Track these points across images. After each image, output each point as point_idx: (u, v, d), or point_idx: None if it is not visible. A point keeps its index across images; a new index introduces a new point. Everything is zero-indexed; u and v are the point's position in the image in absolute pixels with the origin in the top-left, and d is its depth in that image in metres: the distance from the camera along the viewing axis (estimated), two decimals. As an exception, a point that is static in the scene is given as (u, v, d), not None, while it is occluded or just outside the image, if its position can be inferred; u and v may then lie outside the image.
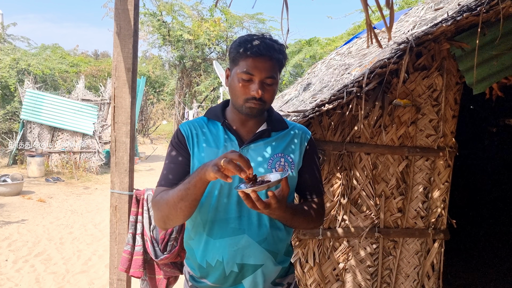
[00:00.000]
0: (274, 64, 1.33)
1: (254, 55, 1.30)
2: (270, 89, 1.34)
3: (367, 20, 0.77)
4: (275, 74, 1.34)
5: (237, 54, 1.33)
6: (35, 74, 13.42)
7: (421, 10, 3.29)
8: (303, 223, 1.43)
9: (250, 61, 1.30)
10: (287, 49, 1.36)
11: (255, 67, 1.30)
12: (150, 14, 15.98)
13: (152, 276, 2.27)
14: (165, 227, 1.39)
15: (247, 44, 1.31)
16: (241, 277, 1.38)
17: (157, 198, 1.36)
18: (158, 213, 1.34)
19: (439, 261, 2.66)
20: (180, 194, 1.23)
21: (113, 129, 2.23)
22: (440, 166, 2.56)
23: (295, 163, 1.44)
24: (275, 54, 1.32)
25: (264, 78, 1.31)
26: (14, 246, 5.22)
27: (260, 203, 1.14)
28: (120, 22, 2.13)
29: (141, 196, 2.23)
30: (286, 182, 1.20)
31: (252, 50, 1.30)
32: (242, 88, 1.33)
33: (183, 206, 1.24)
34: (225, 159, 1.09)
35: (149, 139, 20.86)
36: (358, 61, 3.12)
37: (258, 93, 1.30)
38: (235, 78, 1.34)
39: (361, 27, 13.89)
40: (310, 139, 1.51)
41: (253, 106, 1.33)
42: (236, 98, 1.36)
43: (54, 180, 9.73)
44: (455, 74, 2.50)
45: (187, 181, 1.23)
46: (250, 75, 1.30)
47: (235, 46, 1.35)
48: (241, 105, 1.35)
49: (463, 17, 2.08)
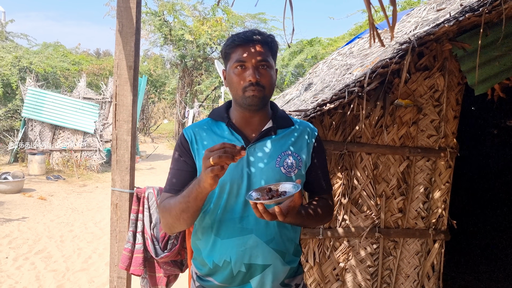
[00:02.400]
0: (263, 48, 1.33)
1: (242, 43, 1.32)
2: (265, 73, 1.33)
3: (370, 19, 0.77)
4: (267, 57, 1.34)
5: (227, 49, 1.37)
6: (37, 72, 13.43)
7: (423, 10, 3.28)
8: (313, 223, 1.44)
9: (239, 50, 1.32)
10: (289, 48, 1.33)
11: (245, 54, 1.31)
12: (151, 13, 15.99)
13: (152, 274, 2.28)
14: (172, 233, 1.42)
15: (235, 36, 1.35)
16: (249, 277, 1.38)
17: (162, 205, 1.36)
18: (163, 221, 1.35)
19: (440, 261, 2.66)
20: (181, 206, 1.24)
21: (114, 127, 2.23)
22: (441, 166, 2.56)
23: (303, 161, 1.43)
24: (262, 38, 1.34)
25: (257, 63, 1.31)
26: (15, 243, 5.22)
27: (267, 215, 1.15)
28: (122, 20, 2.13)
29: (141, 194, 2.23)
30: (299, 195, 1.19)
31: (239, 39, 1.33)
32: (237, 78, 1.33)
33: (185, 217, 1.26)
34: (213, 156, 1.07)
35: (150, 138, 20.88)
36: (360, 61, 3.11)
37: (253, 77, 1.30)
38: (230, 73, 1.36)
39: (362, 28, 13.88)
40: (317, 136, 1.51)
41: (252, 94, 1.32)
42: (236, 91, 1.35)
43: (55, 178, 9.74)
44: (457, 74, 2.50)
45: (186, 194, 1.23)
46: (242, 63, 1.32)
47: (224, 45, 1.39)
48: (241, 97, 1.34)
49: (465, 17, 2.08)
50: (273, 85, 1.39)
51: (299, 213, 1.28)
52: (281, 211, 1.15)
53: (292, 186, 1.20)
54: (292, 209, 1.20)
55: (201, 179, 1.14)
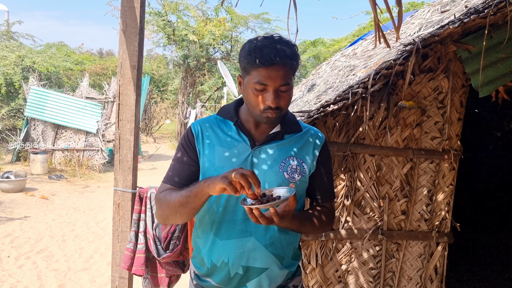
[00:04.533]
0: (287, 70, 1.26)
1: (266, 65, 1.23)
2: (285, 96, 1.30)
3: (375, 19, 0.77)
4: (289, 80, 1.28)
5: (248, 64, 1.27)
6: (40, 71, 13.45)
7: (427, 12, 3.27)
8: (310, 230, 1.43)
9: (263, 71, 1.24)
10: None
11: (268, 77, 1.24)
12: (155, 13, 16.01)
13: (154, 275, 2.27)
14: (165, 224, 1.44)
15: (257, 53, 1.24)
16: (246, 280, 1.37)
17: (160, 196, 1.37)
18: (159, 211, 1.37)
19: (442, 264, 2.65)
20: (181, 200, 1.25)
21: (117, 127, 2.23)
22: (444, 168, 2.55)
23: (307, 167, 1.42)
24: (287, 61, 1.24)
25: (279, 87, 1.27)
26: (16, 242, 5.23)
27: (263, 220, 1.16)
28: (126, 19, 2.13)
29: (144, 194, 2.23)
30: (294, 198, 1.19)
31: (263, 60, 1.22)
32: (256, 99, 1.29)
33: (182, 211, 1.27)
34: (237, 172, 1.09)
35: (153, 138, 20.88)
36: (364, 62, 3.10)
37: (274, 103, 1.26)
38: (248, 89, 1.29)
39: (366, 29, 13.87)
40: (324, 143, 1.48)
41: (270, 116, 1.30)
42: (253, 108, 1.32)
43: (57, 178, 9.75)
44: (461, 76, 2.49)
45: (190, 189, 1.25)
46: (264, 85, 1.25)
47: (245, 54, 1.28)
48: (258, 115, 1.32)
49: (470, 19, 2.07)
50: (290, 102, 1.37)
51: (294, 217, 1.28)
52: (276, 212, 1.15)
53: (285, 190, 1.21)
54: (287, 213, 1.21)
55: (211, 182, 1.15)
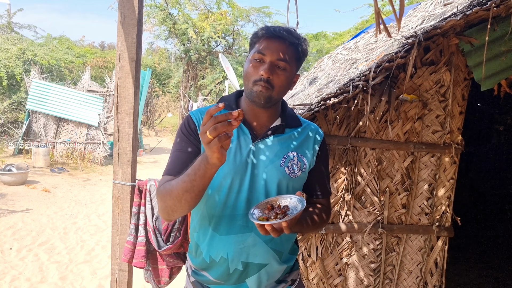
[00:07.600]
0: (288, 47, 1.29)
1: (268, 36, 1.29)
2: (280, 74, 1.28)
3: (376, 8, 0.75)
4: (288, 58, 1.28)
5: (254, 38, 1.34)
6: (42, 64, 13.45)
7: (430, 5, 3.24)
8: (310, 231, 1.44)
9: (264, 42, 1.29)
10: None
11: (267, 47, 1.28)
12: (155, 6, 15.92)
13: (155, 266, 2.28)
14: (169, 219, 1.29)
15: (265, 28, 1.32)
16: (245, 276, 1.36)
17: (161, 188, 1.26)
18: (161, 204, 1.25)
19: (443, 258, 2.64)
20: (185, 185, 1.13)
21: (116, 120, 2.22)
22: (446, 162, 2.54)
23: (308, 163, 1.41)
24: (289, 37, 1.28)
25: (275, 60, 1.27)
26: (18, 235, 5.25)
27: (275, 233, 1.14)
28: (124, 11, 2.11)
29: (143, 187, 2.22)
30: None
31: (267, 32, 1.29)
32: (252, 69, 1.29)
33: (189, 197, 1.15)
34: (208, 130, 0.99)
35: (154, 132, 20.88)
36: (365, 55, 3.08)
37: (266, 72, 1.25)
38: (248, 62, 1.31)
39: (368, 22, 13.77)
40: (323, 140, 1.48)
41: (260, 90, 1.27)
42: (247, 81, 1.31)
43: (59, 171, 9.78)
44: (463, 69, 2.47)
45: (191, 172, 1.12)
46: (262, 55, 1.28)
47: (254, 32, 1.35)
48: (250, 89, 1.29)
49: (473, 11, 2.05)
50: (284, 90, 1.33)
51: (299, 222, 1.28)
52: (288, 225, 1.13)
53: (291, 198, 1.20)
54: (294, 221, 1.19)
55: (207, 155, 1.05)
